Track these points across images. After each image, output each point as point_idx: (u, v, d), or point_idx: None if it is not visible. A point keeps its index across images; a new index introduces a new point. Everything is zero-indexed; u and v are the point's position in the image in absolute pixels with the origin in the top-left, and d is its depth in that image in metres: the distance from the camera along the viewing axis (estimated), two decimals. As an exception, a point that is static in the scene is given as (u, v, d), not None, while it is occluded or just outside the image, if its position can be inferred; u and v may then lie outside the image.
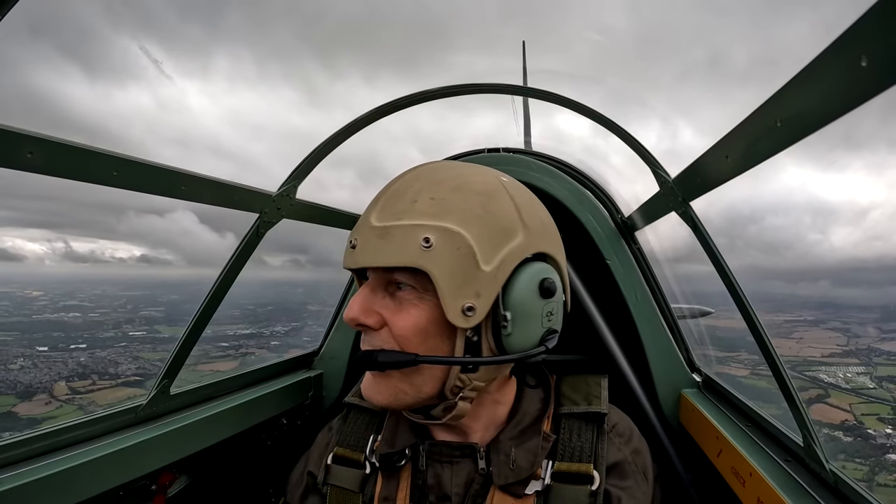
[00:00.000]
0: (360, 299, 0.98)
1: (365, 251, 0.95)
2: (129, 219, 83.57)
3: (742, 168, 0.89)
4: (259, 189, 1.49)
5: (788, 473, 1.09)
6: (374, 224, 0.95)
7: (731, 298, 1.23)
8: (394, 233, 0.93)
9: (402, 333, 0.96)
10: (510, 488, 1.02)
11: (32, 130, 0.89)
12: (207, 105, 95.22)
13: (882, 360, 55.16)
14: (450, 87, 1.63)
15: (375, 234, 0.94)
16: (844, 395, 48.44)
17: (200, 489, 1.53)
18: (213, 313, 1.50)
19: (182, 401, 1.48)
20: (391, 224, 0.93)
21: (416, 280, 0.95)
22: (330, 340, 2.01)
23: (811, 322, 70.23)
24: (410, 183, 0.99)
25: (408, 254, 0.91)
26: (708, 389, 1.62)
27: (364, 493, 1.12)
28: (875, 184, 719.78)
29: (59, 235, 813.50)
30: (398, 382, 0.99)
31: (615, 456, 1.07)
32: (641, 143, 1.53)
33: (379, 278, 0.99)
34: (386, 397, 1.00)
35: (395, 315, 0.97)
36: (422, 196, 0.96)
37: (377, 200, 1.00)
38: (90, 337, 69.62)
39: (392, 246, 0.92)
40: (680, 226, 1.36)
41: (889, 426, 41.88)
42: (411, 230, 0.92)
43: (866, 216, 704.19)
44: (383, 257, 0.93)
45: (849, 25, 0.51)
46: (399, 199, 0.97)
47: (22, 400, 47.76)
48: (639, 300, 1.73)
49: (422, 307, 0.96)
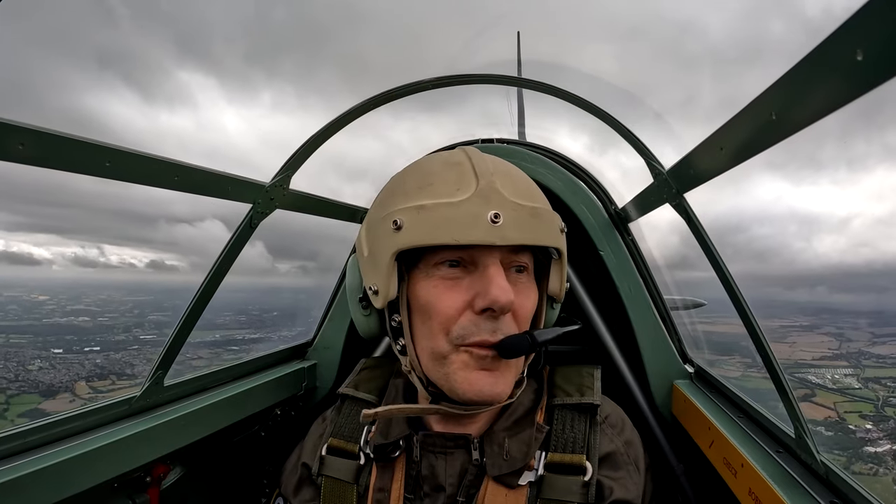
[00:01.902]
0: (505, 281, 0.92)
1: (518, 227, 0.92)
2: (162, 227, 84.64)
3: (736, 160, 0.89)
4: (252, 179, 1.48)
5: (780, 465, 1.10)
6: (518, 202, 0.94)
7: (724, 289, 1.24)
8: (543, 214, 0.97)
9: (526, 315, 1.00)
10: (504, 479, 1.02)
11: (23, 122, 0.88)
12: (244, 127, 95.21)
13: (871, 363, 57.32)
14: (444, 77, 1.62)
15: (527, 213, 0.94)
16: (830, 394, 50.48)
17: (195, 480, 1.53)
18: (206, 304, 1.49)
19: (176, 392, 1.47)
20: (537, 206, 0.97)
21: (531, 263, 1.03)
22: (324, 330, 2.00)
23: (806, 327, 71.57)
24: (509, 168, 1.04)
25: (554, 236, 0.99)
26: (700, 381, 1.63)
27: (358, 483, 1.12)
28: (845, 196, 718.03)
29: (93, 242, 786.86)
30: (515, 369, 1.02)
31: (607, 447, 1.08)
32: (635, 135, 1.53)
33: (507, 259, 0.97)
34: (508, 387, 1.00)
35: (520, 297, 0.98)
36: (529, 184, 1.04)
37: (481, 175, 0.95)
38: (103, 340, 71.39)
39: (544, 226, 0.97)
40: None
41: (869, 422, 43.86)
42: (552, 215, 1.01)
43: (848, 225, 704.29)
44: (539, 236, 0.95)
45: (845, 19, 0.50)
46: (516, 183, 0.99)
47: (46, 398, 49.58)
48: (632, 291, 1.73)
49: (533, 289, 1.04)
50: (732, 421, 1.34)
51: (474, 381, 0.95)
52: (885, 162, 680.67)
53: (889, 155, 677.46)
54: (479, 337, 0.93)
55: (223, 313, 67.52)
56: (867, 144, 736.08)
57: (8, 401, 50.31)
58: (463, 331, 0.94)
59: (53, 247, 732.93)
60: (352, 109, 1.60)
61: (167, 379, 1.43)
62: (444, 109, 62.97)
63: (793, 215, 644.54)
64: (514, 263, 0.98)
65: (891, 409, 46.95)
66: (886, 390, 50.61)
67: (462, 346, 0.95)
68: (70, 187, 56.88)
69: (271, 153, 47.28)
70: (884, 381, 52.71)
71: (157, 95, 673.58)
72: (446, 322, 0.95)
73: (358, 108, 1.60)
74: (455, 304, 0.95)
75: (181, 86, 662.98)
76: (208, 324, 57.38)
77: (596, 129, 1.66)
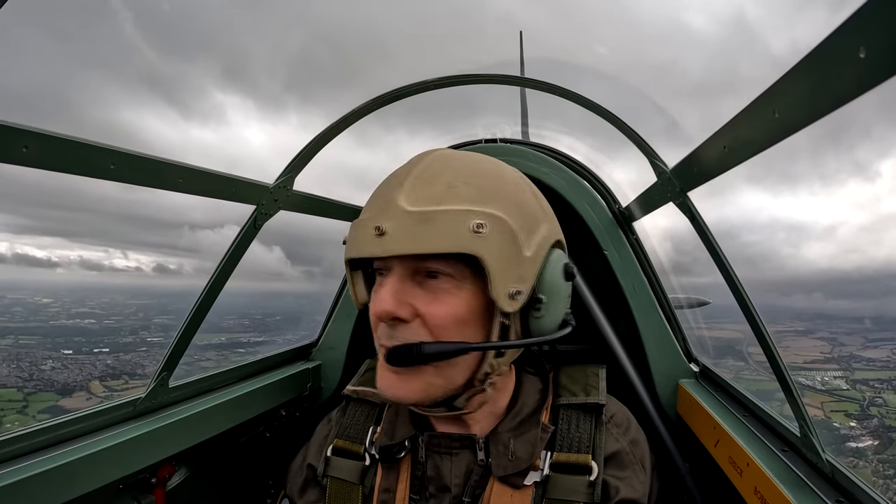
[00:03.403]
0: (392, 291, 0.93)
1: (401, 237, 0.89)
2: (185, 233, 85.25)
3: (740, 158, 0.88)
4: (256, 181, 1.48)
5: (785, 463, 1.10)
6: (408, 209, 0.90)
7: (728, 287, 1.23)
8: (438, 218, 0.89)
9: (439, 324, 0.94)
10: (509, 479, 1.02)
11: (27, 124, 0.88)
12: (267, 140, 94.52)
13: (861, 366, 58.75)
14: (448, 77, 1.62)
15: (414, 220, 0.89)
16: (818, 395, 51.45)
17: (200, 481, 1.54)
18: (210, 305, 1.50)
19: (181, 393, 1.48)
20: (432, 209, 0.90)
21: (454, 268, 0.93)
22: (328, 331, 2.00)
23: (800, 332, 72.22)
24: (439, 169, 0.97)
25: (459, 239, 0.89)
26: (705, 379, 1.63)
27: (364, 484, 1.12)
28: (827, 205, 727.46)
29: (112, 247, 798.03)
30: (430, 377, 0.96)
31: (613, 446, 1.08)
32: (638, 134, 1.52)
33: (408, 267, 0.94)
34: (417, 393, 0.97)
35: (430, 305, 0.94)
36: (458, 182, 0.95)
37: (399, 185, 0.94)
38: (111, 342, 72.83)
39: (438, 232, 0.89)
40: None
41: (853, 420, 45.43)
42: (460, 215, 0.90)
43: (834, 233, 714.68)
44: (428, 243, 0.89)
45: (848, 16, 0.50)
46: (431, 185, 0.94)
47: (62, 396, 51.74)
48: (636, 290, 1.73)
49: (460, 295, 0.95)
50: (738, 420, 1.33)
51: (382, 378, 1.00)
52: (855, 177, 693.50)
53: (858, 170, 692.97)
54: (380, 342, 0.98)
55: (226, 317, 68.22)
56: (837, 161, 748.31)
57: (26, 398, 52.11)
58: (377, 334, 0.99)
59: (57, 249, 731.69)
60: (357, 109, 1.60)
61: (172, 380, 1.44)
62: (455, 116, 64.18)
63: (778, 223, 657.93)
64: (424, 270, 0.95)
65: (875, 408, 48.47)
66: (873, 391, 52.11)
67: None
68: (84, 191, 56.50)
69: (286, 160, 48.39)
70: (871, 382, 54.17)
71: (194, 113, 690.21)
72: (374, 327, 1.00)
73: (363, 107, 1.60)
74: (373, 310, 0.98)
75: (216, 105, 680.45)
76: (213, 327, 58.29)
77: (600, 128, 1.66)
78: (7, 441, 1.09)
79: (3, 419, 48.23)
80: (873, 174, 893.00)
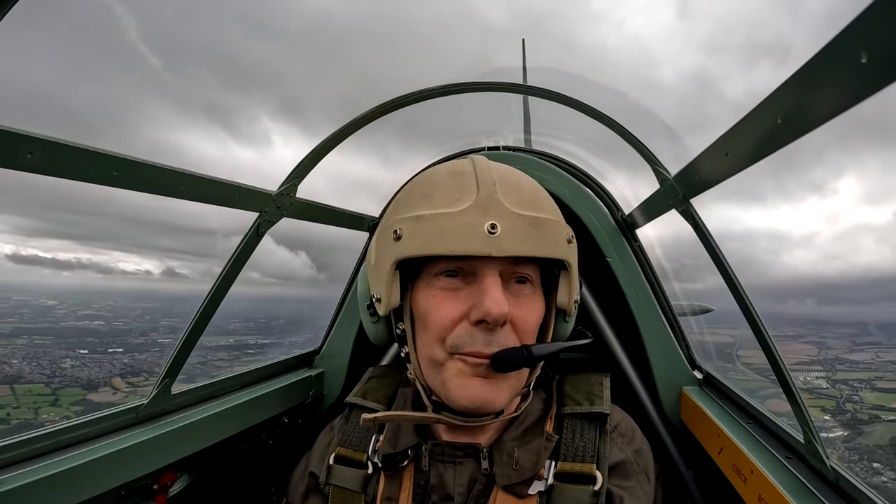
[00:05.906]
0: (500, 293, 0.91)
1: (517, 238, 0.90)
2: (219, 241, 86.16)
3: (742, 165, 0.88)
4: (259, 188, 1.49)
5: (790, 471, 1.09)
6: (517, 211, 0.92)
7: (731, 295, 1.23)
8: (546, 224, 0.94)
9: (528, 329, 0.98)
10: (513, 489, 1.02)
11: (32, 131, 0.89)
12: (289, 154, 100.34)
13: (843, 368, 61.96)
14: (451, 84, 1.63)
15: (528, 223, 0.91)
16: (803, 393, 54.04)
17: (202, 488, 1.53)
18: (213, 312, 1.50)
19: (183, 400, 1.47)
20: (538, 215, 0.94)
21: (536, 274, 1.00)
22: (331, 339, 2.00)
23: (791, 336, 73.69)
24: (510, 174, 1.01)
25: (559, 247, 0.96)
26: (709, 387, 1.62)
27: (366, 493, 1.12)
28: (796, 217, 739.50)
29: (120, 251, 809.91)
30: (514, 381, 0.99)
31: (617, 456, 1.07)
32: (641, 141, 1.53)
33: (507, 270, 0.96)
34: (505, 400, 0.98)
35: (520, 309, 0.96)
36: (537, 193, 1.01)
37: (488, 185, 0.94)
38: (123, 342, 74.46)
39: (547, 237, 0.93)
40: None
41: (828, 415, 49.66)
42: (558, 225, 0.97)
43: (812, 241, 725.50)
44: (540, 248, 0.92)
45: (849, 21, 0.50)
46: (521, 192, 0.97)
47: (88, 391, 54.26)
48: (639, 298, 1.72)
49: (539, 300, 1.01)
50: (742, 427, 1.32)
51: (468, 387, 0.95)
52: (814, 195, 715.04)
53: (815, 189, 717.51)
54: (474, 348, 0.93)
55: (232, 320, 68.94)
56: (798, 185, 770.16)
57: (55, 392, 54.51)
58: (458, 340, 0.94)
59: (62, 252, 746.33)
60: (360, 117, 1.61)
61: (174, 387, 1.44)
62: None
63: (752, 233, 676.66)
64: (516, 274, 0.97)
65: (851, 404, 52.46)
66: (851, 389, 55.63)
67: (457, 354, 0.95)
68: (93, 193, 58.75)
69: (313, 175, 50.30)
70: (851, 382, 57.74)
71: (243, 136, 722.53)
72: (441, 332, 0.95)
73: (366, 115, 1.61)
74: (451, 314, 0.94)
75: (265, 130, 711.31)
76: (220, 330, 59.23)
77: (602, 136, 1.67)
78: (9, 447, 1.09)
79: (40, 411, 50.74)
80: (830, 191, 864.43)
